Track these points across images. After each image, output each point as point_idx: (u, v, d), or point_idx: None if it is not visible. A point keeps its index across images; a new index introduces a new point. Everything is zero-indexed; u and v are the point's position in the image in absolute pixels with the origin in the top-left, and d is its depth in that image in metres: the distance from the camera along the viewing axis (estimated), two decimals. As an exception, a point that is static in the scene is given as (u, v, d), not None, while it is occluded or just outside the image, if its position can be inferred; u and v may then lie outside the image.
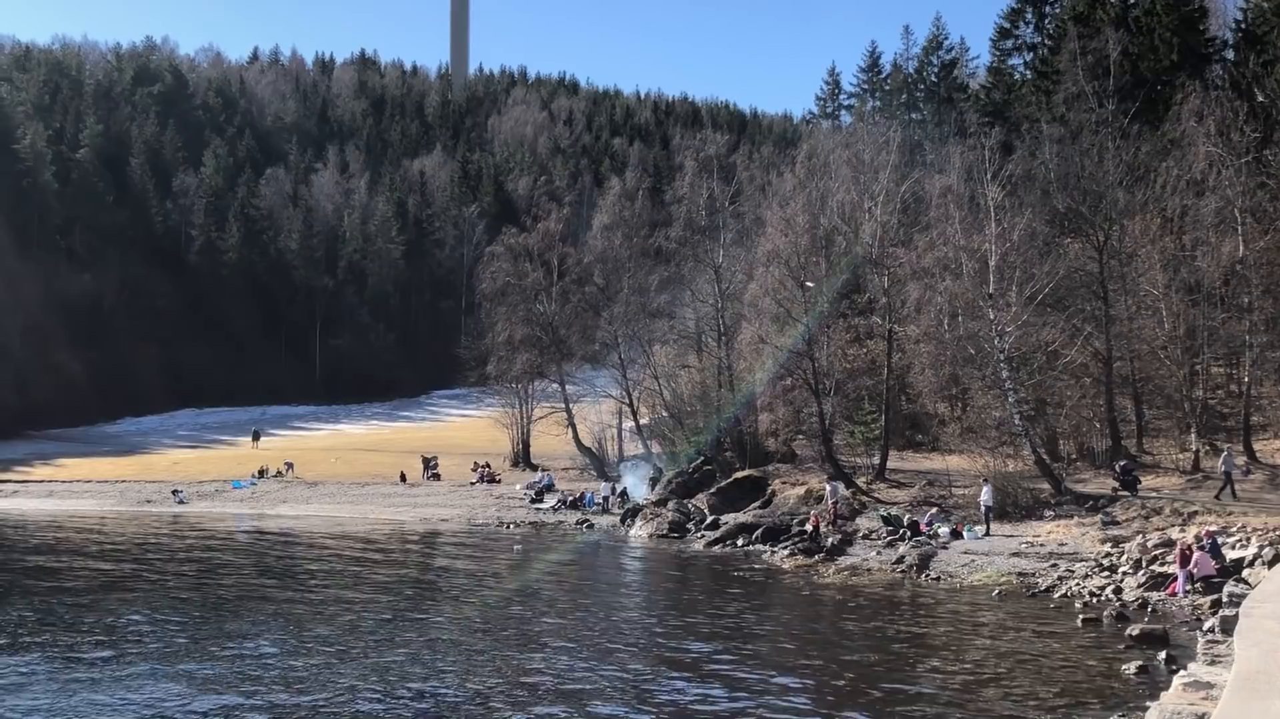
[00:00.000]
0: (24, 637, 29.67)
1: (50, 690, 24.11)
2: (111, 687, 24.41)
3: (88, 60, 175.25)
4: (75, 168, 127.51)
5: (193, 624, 31.64)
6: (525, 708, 22.87)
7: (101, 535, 55.26)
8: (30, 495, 72.31)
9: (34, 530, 57.16)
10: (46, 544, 51.74)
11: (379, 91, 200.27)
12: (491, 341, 78.25)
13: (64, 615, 32.80)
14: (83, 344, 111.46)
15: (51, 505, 68.93)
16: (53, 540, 53.14)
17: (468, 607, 35.10)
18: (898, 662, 26.94)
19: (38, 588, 38.40)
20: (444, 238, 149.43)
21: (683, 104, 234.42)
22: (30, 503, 69.81)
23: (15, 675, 25.41)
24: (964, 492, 48.69)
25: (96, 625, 31.16)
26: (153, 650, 28.07)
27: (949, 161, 63.33)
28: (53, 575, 41.55)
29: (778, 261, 58.32)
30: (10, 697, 23.58)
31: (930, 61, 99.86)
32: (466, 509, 63.18)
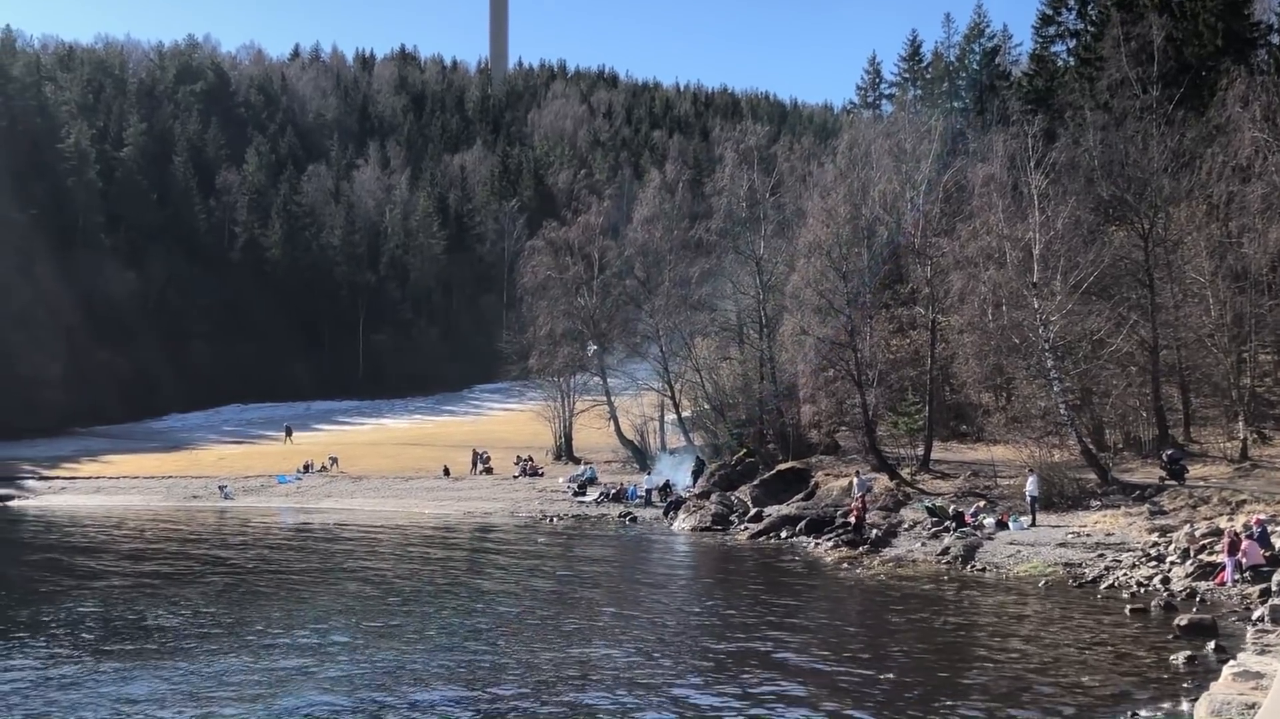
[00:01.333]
0: (84, 634, 29.96)
1: (124, 687, 24.34)
2: (180, 682, 24.61)
3: (131, 59, 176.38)
4: (119, 166, 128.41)
5: (248, 617, 31.83)
6: (573, 699, 22.91)
7: (150, 531, 55.75)
8: (78, 492, 72.96)
9: (83, 526, 57.72)
10: (96, 539, 52.25)
11: (419, 87, 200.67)
12: (533, 335, 78.26)
13: (123, 611, 33.09)
14: (128, 341, 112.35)
15: (99, 501, 69.55)
16: (102, 536, 53.65)
17: (513, 599, 35.19)
18: (944, 653, 26.82)
19: (90, 584, 38.80)
20: (484, 232, 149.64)
21: (722, 95, 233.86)
22: (78, 499, 70.46)
23: (76, 670, 25.67)
24: (1009, 482, 48.43)
25: (158, 620, 31.45)
26: (221, 645, 28.32)
27: (992, 150, 62.73)
28: (103, 571, 41.97)
29: (819, 253, 58.07)
30: (71, 692, 23.82)
31: (972, 49, 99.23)
32: (509, 503, 63.31)
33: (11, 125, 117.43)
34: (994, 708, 21.96)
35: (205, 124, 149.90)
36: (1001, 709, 21.89)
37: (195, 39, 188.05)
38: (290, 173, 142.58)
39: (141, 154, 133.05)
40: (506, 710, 22.32)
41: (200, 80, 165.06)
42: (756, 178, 68.18)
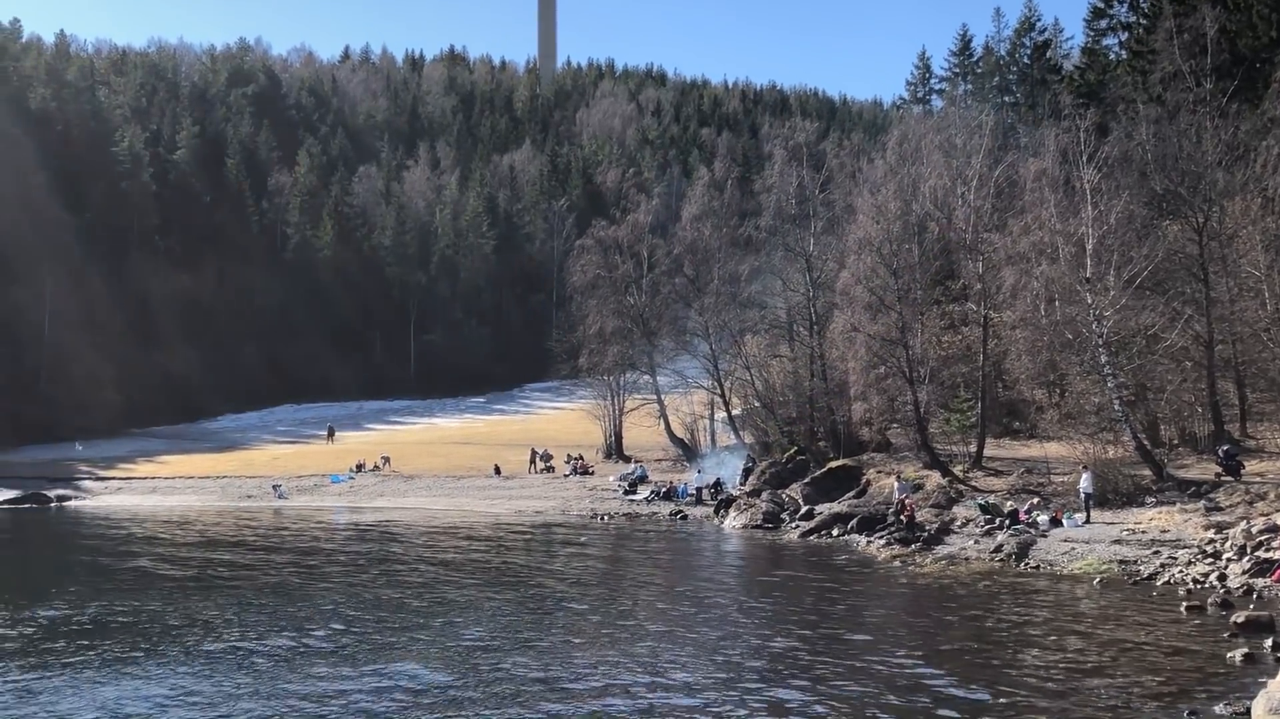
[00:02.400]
0: (149, 632, 30.24)
1: (216, 683, 24.60)
2: (247, 681, 24.84)
3: (183, 63, 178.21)
4: (173, 169, 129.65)
5: (307, 616, 32.05)
6: (631, 698, 22.95)
7: (207, 530, 56.20)
8: (134, 492, 73.67)
9: (139, 526, 58.28)
10: (152, 539, 52.74)
11: (468, 87, 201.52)
12: (582, 334, 78.42)
13: (193, 609, 33.40)
14: (182, 343, 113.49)
15: (155, 501, 70.21)
16: (158, 535, 54.14)
17: (570, 597, 35.24)
18: (998, 651, 26.64)
19: (148, 582, 39.18)
20: (534, 232, 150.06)
21: (771, 92, 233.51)
22: (134, 499, 71.16)
23: (142, 668, 25.95)
24: (1063, 479, 48.08)
25: (223, 620, 31.71)
26: (285, 644, 28.53)
27: (1043, 144, 62.41)
28: (161, 570, 42.37)
29: (870, 249, 57.85)
30: (147, 687, 24.08)
31: (1023, 43, 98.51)
32: (560, 501, 63.46)
33: (66, 130, 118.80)
34: (1048, 705, 21.81)
35: (257, 126, 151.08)
36: (1056, 706, 21.73)
37: (246, 42, 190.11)
38: (341, 174, 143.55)
39: (194, 157, 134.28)
40: (571, 713, 22.36)
41: (252, 83, 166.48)
42: (806, 174, 68.07)
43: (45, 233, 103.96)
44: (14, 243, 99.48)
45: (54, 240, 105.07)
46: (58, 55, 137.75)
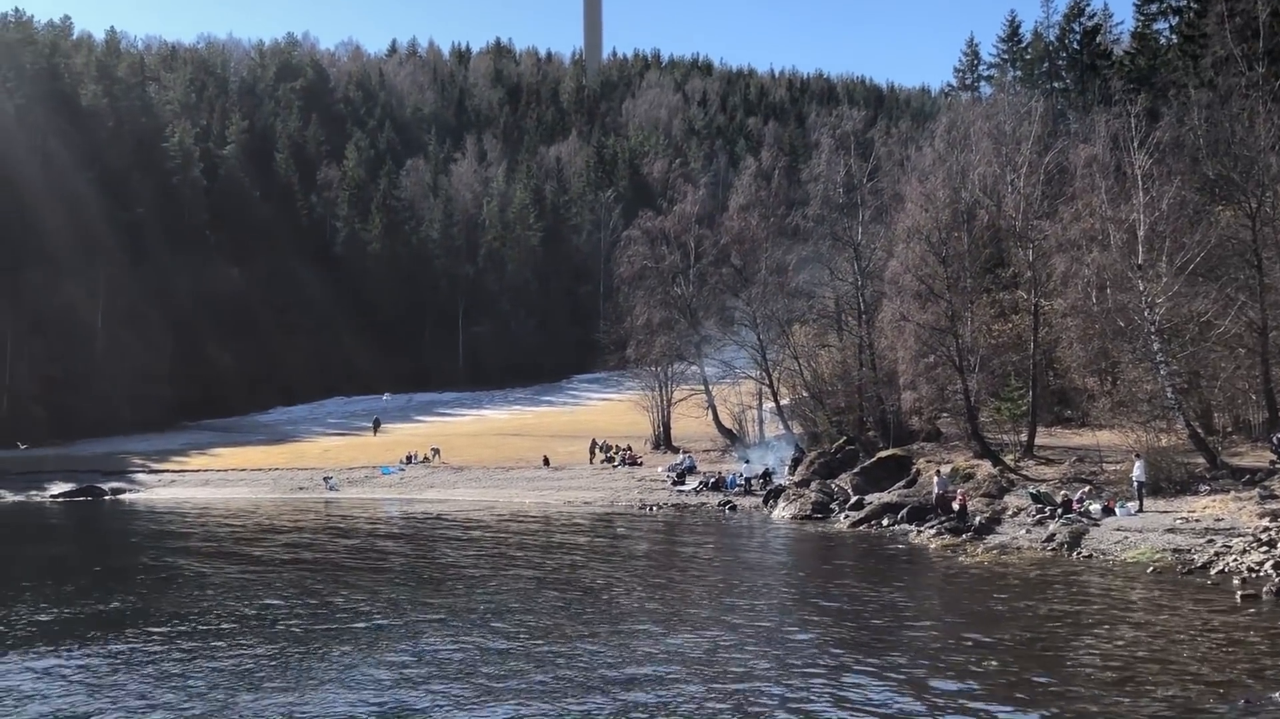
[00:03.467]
0: (220, 625, 30.55)
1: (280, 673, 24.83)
2: (323, 676, 25.06)
3: (232, 58, 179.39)
4: (222, 164, 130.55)
5: (368, 605, 32.29)
6: (687, 688, 22.98)
7: (260, 522, 56.64)
8: (187, 484, 74.36)
9: (194, 517, 58.83)
10: (207, 531, 53.22)
11: (514, 80, 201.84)
12: (630, 325, 78.45)
13: (253, 600, 33.73)
14: (233, 336, 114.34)
15: (208, 493, 70.83)
16: (212, 527, 54.63)
17: (621, 588, 35.29)
18: (1051, 641, 26.50)
19: (210, 573, 39.57)
20: (581, 223, 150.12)
21: (818, 81, 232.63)
22: (188, 491, 71.81)
23: (211, 661, 26.22)
24: (1115, 467, 47.72)
25: (291, 613, 31.99)
26: (352, 635, 28.78)
27: (1094, 130, 61.93)
28: (219, 560, 42.76)
29: (918, 237, 57.57)
30: (215, 681, 24.34)
31: (1072, 29, 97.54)
32: (609, 492, 63.53)
33: (118, 125, 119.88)
34: (1101, 695, 21.67)
35: (305, 121, 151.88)
36: (1109, 696, 21.59)
37: (294, 37, 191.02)
38: (389, 167, 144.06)
39: (244, 151, 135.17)
40: (631, 703, 22.43)
41: (300, 77, 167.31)
42: (853, 163, 67.82)
43: (97, 229, 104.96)
44: (67, 239, 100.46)
45: (106, 236, 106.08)
46: (108, 52, 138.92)
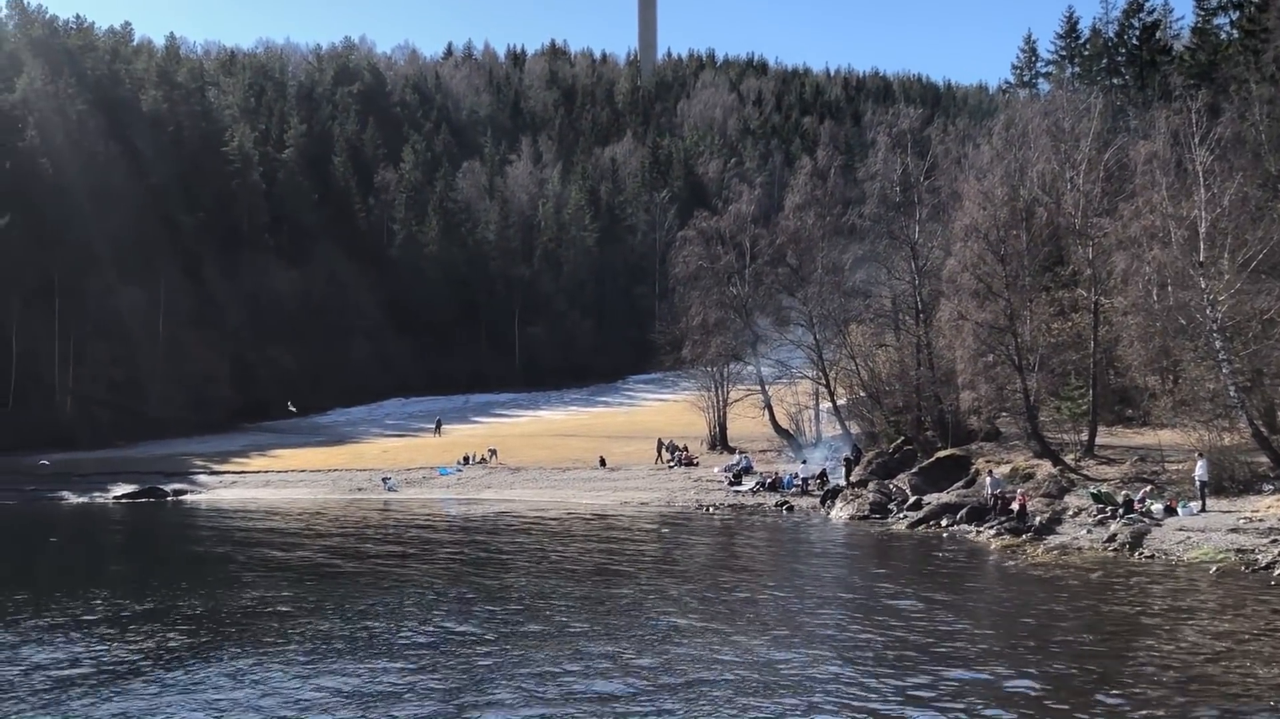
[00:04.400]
0: (286, 624, 30.84)
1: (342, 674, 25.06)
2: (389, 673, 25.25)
3: (290, 62, 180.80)
4: (281, 167, 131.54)
5: (432, 605, 32.51)
6: (748, 690, 22.98)
7: (321, 522, 57.05)
8: (248, 485, 74.90)
9: (255, 518, 59.32)
10: (270, 531, 53.68)
11: (569, 81, 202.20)
12: (685, 325, 78.32)
13: (320, 600, 34.03)
14: (292, 338, 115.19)
15: (268, 494, 71.34)
16: (274, 527, 55.08)
17: (679, 588, 35.32)
18: (1112, 642, 26.27)
19: (276, 575, 39.94)
20: (636, 224, 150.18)
21: (874, 79, 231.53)
22: (248, 492, 72.35)
23: (278, 660, 26.47)
24: (1177, 467, 47.25)
25: (357, 612, 32.26)
26: (421, 632, 29.00)
27: (1154, 127, 61.21)
28: (279, 560, 43.16)
29: (976, 236, 57.13)
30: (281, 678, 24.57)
31: (1131, 24, 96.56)
32: (665, 492, 63.46)
33: (178, 130, 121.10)
34: (1164, 696, 21.46)
35: (363, 124, 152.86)
36: (1172, 698, 21.38)
37: (352, 41, 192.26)
38: (445, 170, 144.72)
39: (302, 155, 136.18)
40: (686, 706, 22.44)
41: (357, 81, 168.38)
42: (910, 161, 67.38)
43: (159, 232, 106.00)
44: (128, 243, 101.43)
45: (167, 240, 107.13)
46: (168, 57, 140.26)
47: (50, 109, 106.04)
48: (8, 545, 53.37)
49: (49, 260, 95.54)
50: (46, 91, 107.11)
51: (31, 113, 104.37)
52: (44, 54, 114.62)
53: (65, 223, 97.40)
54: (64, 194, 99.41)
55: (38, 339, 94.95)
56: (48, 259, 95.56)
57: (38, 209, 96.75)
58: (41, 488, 73.94)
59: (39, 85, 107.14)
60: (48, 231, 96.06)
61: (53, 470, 78.63)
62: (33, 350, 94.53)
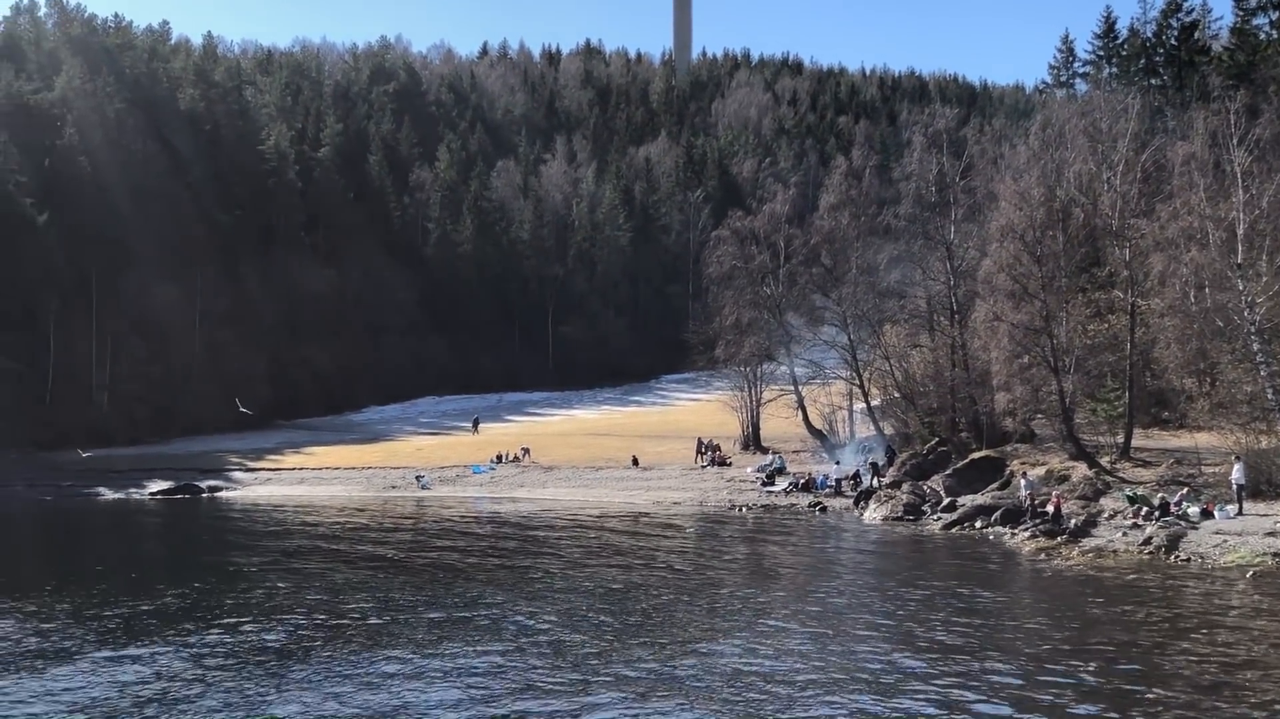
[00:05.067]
0: (324, 618, 31.00)
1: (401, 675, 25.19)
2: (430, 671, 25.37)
3: (326, 61, 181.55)
4: (317, 166, 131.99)
5: (467, 603, 32.61)
6: (780, 691, 22.96)
7: (356, 520, 57.26)
8: (283, 483, 75.24)
9: (291, 515, 59.60)
10: (306, 527, 53.94)
11: (604, 81, 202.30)
12: (719, 325, 78.23)
13: (353, 597, 34.21)
14: (327, 336, 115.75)
15: (303, 491, 71.66)
16: (310, 524, 55.33)
17: (710, 589, 35.32)
18: (1148, 645, 26.11)
19: (312, 571, 40.15)
20: (670, 223, 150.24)
21: (909, 79, 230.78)
22: (283, 489, 72.71)
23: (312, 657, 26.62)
24: (1214, 470, 46.89)
25: (403, 609, 32.41)
26: (450, 627, 29.11)
27: (1192, 127, 60.93)
28: (320, 558, 43.38)
29: (1012, 236, 56.84)
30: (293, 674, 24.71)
31: (1169, 24, 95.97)
32: (698, 492, 63.42)
33: (215, 129, 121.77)
34: (1198, 700, 21.33)
35: (398, 123, 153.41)
36: (1206, 701, 21.24)
37: (388, 40, 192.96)
38: (480, 169, 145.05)
39: (338, 154, 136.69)
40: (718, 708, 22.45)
41: (393, 80, 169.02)
42: (946, 161, 67.11)
43: (195, 230, 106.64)
44: (165, 241, 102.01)
45: (204, 237, 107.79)
46: (206, 56, 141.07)
47: (88, 107, 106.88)
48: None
49: (86, 258, 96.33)
50: (85, 90, 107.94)
51: (70, 111, 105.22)
52: (83, 52, 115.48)
53: (103, 221, 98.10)
54: (102, 192, 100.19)
55: (75, 337, 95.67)
56: (85, 257, 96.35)
57: (76, 207, 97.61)
58: (78, 484, 74.49)
59: (77, 84, 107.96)
60: (85, 229, 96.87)
61: (89, 466, 79.17)
62: (70, 348, 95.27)
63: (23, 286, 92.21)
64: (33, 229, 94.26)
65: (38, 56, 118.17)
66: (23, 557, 49.45)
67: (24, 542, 55.68)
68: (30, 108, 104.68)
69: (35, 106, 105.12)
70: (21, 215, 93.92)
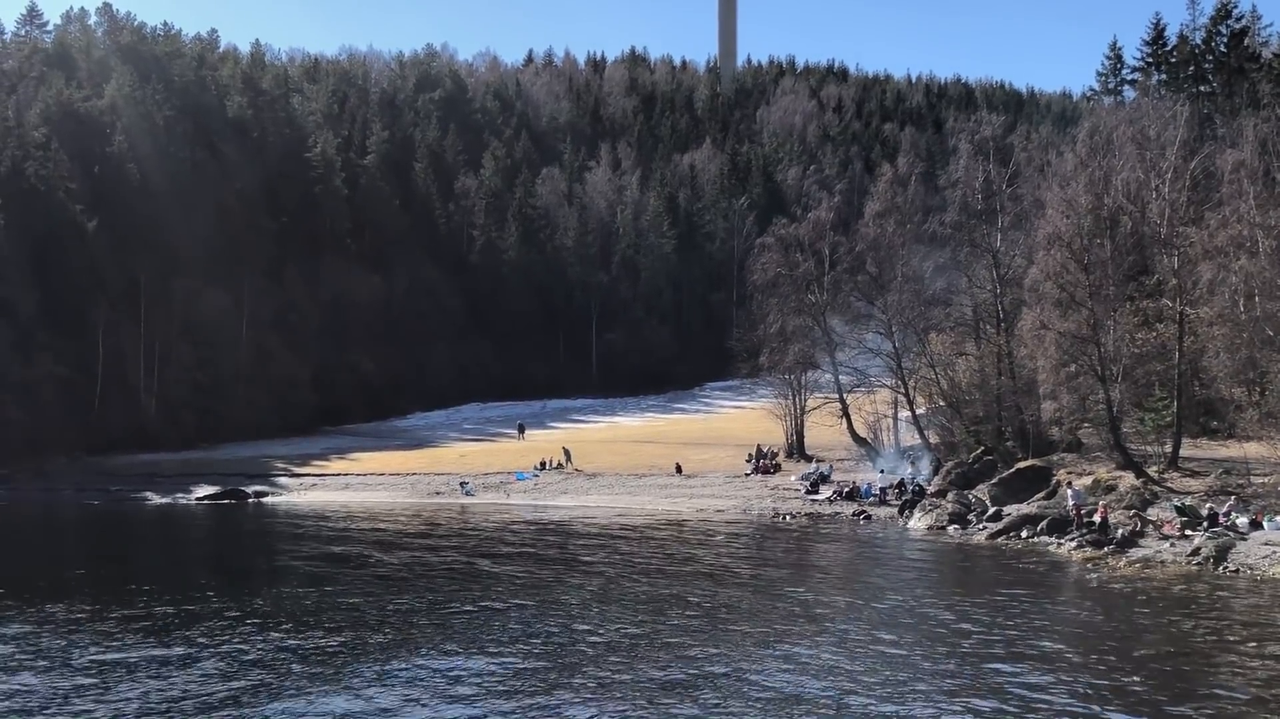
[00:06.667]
0: (367, 629, 31.18)
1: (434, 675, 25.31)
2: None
3: (373, 69, 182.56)
4: (363, 174, 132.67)
5: (512, 610, 32.73)
6: (825, 700, 22.91)
7: (403, 526, 57.51)
8: (328, 488, 75.67)
9: (337, 521, 59.94)
10: (352, 534, 54.25)
11: (649, 88, 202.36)
12: (763, 333, 78.08)
13: (394, 604, 34.36)
14: (373, 343, 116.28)
15: (348, 497, 72.05)
16: (357, 530, 55.64)
17: (751, 599, 35.27)
18: (1195, 657, 25.88)
19: (358, 577, 40.37)
20: (714, 231, 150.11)
21: (956, 86, 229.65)
22: (328, 495, 73.11)
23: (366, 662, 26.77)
24: (1264, 480, 46.46)
25: (445, 616, 32.55)
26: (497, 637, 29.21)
27: (1241, 135, 60.32)
28: (367, 564, 43.60)
29: (1059, 244, 56.49)
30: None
31: (1218, 31, 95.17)
32: (742, 500, 63.32)
33: (262, 136, 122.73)
34: (1246, 713, 21.14)
35: (444, 131, 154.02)
36: (1255, 715, 21.01)
37: (434, 48, 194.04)
38: (525, 176, 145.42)
39: (384, 161, 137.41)
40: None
41: (439, 88, 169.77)
42: (992, 169, 66.78)
43: (243, 237, 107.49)
44: (214, 247, 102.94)
45: (251, 244, 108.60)
46: (253, 64, 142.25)
47: (137, 115, 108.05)
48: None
49: (135, 264, 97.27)
50: (134, 98, 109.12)
51: (119, 118, 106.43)
52: (132, 60, 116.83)
53: (151, 227, 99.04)
54: (150, 199, 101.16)
55: (123, 342, 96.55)
56: (134, 263, 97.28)
57: (125, 213, 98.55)
58: (126, 488, 75.28)
59: (127, 91, 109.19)
60: (134, 235, 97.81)
61: (136, 471, 79.90)
62: (119, 353, 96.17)
63: (72, 293, 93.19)
64: (82, 235, 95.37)
65: (88, 65, 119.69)
66: (62, 560, 49.87)
67: (65, 545, 56.13)
68: (80, 115, 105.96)
69: (85, 114, 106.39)
70: (71, 222, 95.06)
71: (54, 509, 68.71)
